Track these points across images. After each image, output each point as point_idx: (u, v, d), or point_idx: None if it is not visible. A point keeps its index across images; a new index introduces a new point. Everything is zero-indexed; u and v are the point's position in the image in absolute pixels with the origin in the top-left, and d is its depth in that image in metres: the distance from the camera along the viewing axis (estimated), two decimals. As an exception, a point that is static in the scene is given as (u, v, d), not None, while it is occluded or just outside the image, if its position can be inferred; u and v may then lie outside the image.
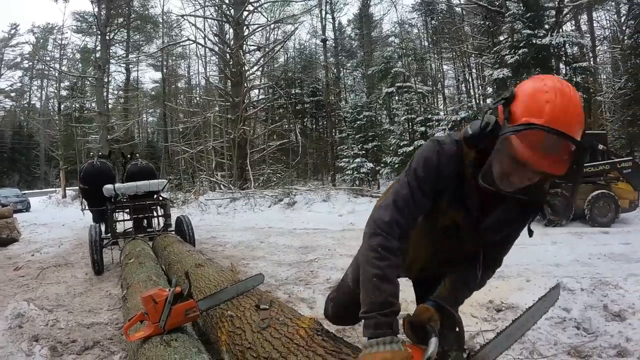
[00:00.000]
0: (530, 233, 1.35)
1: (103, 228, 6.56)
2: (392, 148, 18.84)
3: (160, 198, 6.90)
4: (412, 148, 16.64)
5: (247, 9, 19.35)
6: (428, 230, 1.46)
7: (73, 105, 29.59)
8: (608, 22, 24.26)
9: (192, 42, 21.43)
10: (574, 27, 20.86)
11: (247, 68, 19.59)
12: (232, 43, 19.43)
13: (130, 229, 6.63)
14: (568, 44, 14.35)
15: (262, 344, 1.77)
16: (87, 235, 5.96)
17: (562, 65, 14.54)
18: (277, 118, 26.32)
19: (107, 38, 22.21)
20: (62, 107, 30.97)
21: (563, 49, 14.06)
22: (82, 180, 7.22)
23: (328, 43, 27.67)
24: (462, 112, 17.78)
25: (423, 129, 17.68)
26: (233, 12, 19.12)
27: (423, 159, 1.32)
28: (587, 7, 19.63)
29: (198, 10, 21.68)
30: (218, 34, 21.55)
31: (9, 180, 35.08)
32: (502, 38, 16.17)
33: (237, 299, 2.24)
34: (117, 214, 6.72)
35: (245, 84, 19.32)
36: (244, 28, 19.80)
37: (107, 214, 6.35)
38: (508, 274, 4.76)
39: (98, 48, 23.96)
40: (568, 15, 17.46)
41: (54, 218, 14.84)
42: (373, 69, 22.10)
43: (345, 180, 19.67)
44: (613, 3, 21.83)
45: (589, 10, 21.64)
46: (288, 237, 8.62)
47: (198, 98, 26.54)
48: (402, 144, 17.75)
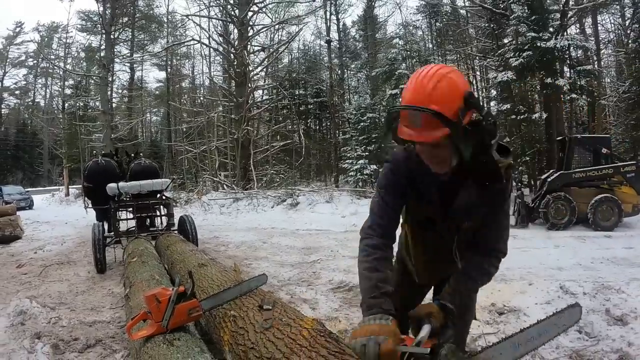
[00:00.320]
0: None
1: (106, 226, 6.59)
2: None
3: (164, 197, 6.92)
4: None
5: (251, 10, 19.39)
6: (417, 233, 1.62)
7: (77, 104, 29.73)
8: (613, 25, 24.23)
9: (196, 42, 21.57)
10: (579, 30, 20.81)
11: (251, 68, 19.61)
12: (236, 43, 19.45)
13: (133, 228, 6.64)
14: (572, 47, 14.31)
15: (265, 344, 1.77)
16: (90, 234, 5.99)
17: (566, 69, 14.51)
18: (280, 119, 26.33)
19: (111, 37, 22.29)
20: (66, 105, 31.17)
21: (567, 52, 14.00)
22: (86, 179, 7.21)
23: (332, 44, 27.69)
24: (465, 114, 17.73)
25: (426, 131, 17.60)
26: (238, 12, 19.15)
27: (383, 172, 1.54)
28: (591, 10, 19.60)
29: (203, 11, 21.84)
30: (222, 34, 21.57)
31: (13, 178, 35.29)
32: (506, 41, 16.09)
33: (240, 299, 2.24)
34: (120, 213, 6.76)
35: (249, 85, 19.35)
36: (249, 28, 19.83)
37: (110, 213, 6.37)
38: (510, 277, 4.74)
39: (103, 47, 24.10)
40: (573, 19, 17.41)
41: (57, 216, 14.89)
42: (377, 71, 22.04)
43: (349, 182, 19.66)
44: (618, 7, 21.75)
45: (594, 14, 21.60)
46: (291, 237, 8.63)
47: (202, 98, 26.62)
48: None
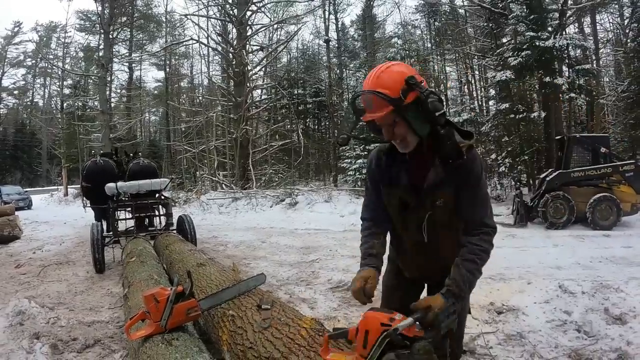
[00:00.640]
0: None
1: (105, 226, 6.58)
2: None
3: (162, 197, 6.91)
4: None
5: (250, 9, 19.31)
6: (396, 221, 1.71)
7: (76, 104, 29.58)
8: (611, 24, 24.24)
9: (195, 41, 21.43)
10: (577, 29, 20.77)
11: (249, 68, 19.55)
12: (235, 43, 19.39)
13: (132, 228, 6.63)
14: (571, 47, 14.30)
15: (263, 344, 1.77)
16: (88, 234, 5.98)
17: (565, 68, 14.49)
18: (279, 118, 26.28)
19: (110, 37, 22.16)
20: (64, 105, 31.05)
21: (566, 52, 13.99)
22: (85, 178, 7.20)
23: (331, 44, 27.67)
24: (464, 113, 17.77)
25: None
26: (236, 11, 19.09)
27: (367, 169, 1.79)
28: (590, 9, 19.59)
29: (201, 10, 21.76)
30: (221, 34, 21.52)
31: (11, 178, 35.23)
32: (505, 40, 16.10)
33: (238, 299, 2.24)
34: (119, 213, 6.74)
35: (248, 84, 19.29)
36: (247, 28, 19.77)
37: (109, 213, 6.36)
38: (509, 277, 4.75)
39: (101, 47, 23.95)
40: (571, 18, 17.40)
41: (56, 216, 14.88)
42: (376, 70, 21.98)
43: (347, 181, 19.68)
44: (616, 6, 21.78)
45: (593, 13, 21.60)
46: (289, 237, 8.63)
47: (201, 97, 26.52)
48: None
